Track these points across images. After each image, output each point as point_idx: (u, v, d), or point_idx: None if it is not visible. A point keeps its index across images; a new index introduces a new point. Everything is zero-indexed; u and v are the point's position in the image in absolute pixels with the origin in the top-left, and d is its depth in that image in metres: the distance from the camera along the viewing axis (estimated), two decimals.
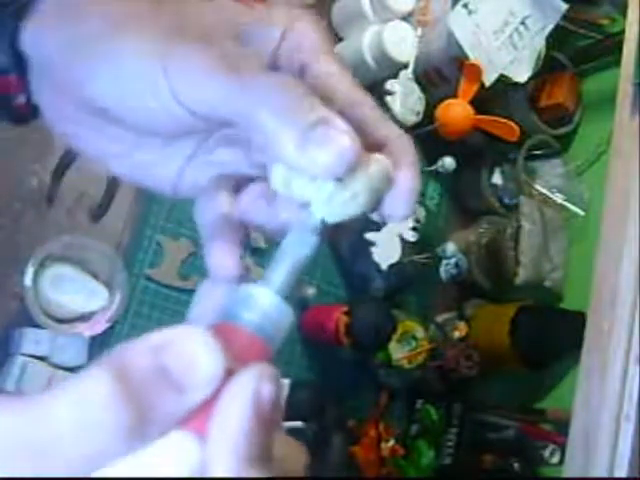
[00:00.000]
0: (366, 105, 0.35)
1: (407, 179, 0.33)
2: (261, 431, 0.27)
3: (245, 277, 0.36)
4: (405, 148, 0.34)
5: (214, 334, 0.28)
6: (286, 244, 0.33)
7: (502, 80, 1.20)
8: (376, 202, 0.33)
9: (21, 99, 0.39)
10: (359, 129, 0.33)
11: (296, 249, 0.33)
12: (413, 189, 0.34)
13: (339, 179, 0.32)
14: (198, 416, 0.27)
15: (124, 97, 0.35)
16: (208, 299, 0.37)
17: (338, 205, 0.33)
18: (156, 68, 0.33)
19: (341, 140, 0.31)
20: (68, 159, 1.03)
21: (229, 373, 0.28)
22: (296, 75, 0.35)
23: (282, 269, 0.33)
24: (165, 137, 0.37)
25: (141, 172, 0.39)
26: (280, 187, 0.33)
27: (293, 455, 0.31)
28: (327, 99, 0.33)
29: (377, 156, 0.33)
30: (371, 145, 0.33)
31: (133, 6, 0.36)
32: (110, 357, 0.27)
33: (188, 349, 0.27)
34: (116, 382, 0.26)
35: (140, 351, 0.27)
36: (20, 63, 0.38)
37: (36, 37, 0.37)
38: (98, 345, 1.05)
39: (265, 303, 0.31)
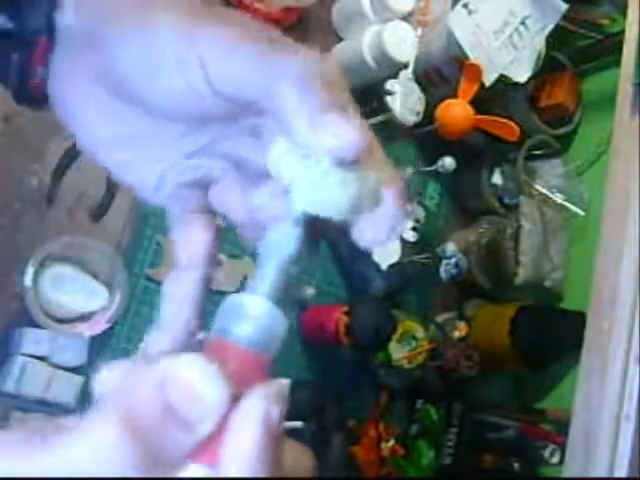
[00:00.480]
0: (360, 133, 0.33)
1: (392, 203, 0.32)
2: (272, 450, 0.27)
3: (213, 266, 0.36)
4: (397, 180, 0.33)
5: (209, 355, 0.28)
6: (267, 243, 0.32)
7: (502, 80, 1.20)
8: (358, 207, 0.32)
9: (40, 75, 0.38)
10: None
11: (279, 247, 0.32)
12: (396, 215, 0.33)
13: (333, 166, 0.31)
14: (208, 446, 0.27)
15: (153, 73, 0.34)
16: (176, 298, 0.36)
17: (323, 189, 0.31)
18: (186, 43, 0.33)
19: (353, 128, 0.31)
20: (68, 159, 1.03)
21: (231, 395, 0.28)
22: None
23: (268, 272, 0.31)
24: (182, 123, 0.36)
25: (125, 166, 0.38)
26: (271, 164, 0.32)
27: (299, 460, 0.31)
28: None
29: (376, 174, 0.32)
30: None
31: None
32: (115, 395, 0.27)
33: (189, 382, 0.27)
34: (123, 425, 0.26)
35: (143, 390, 0.27)
36: (51, 29, 0.37)
37: (71, 8, 0.37)
38: (98, 345, 1.05)
39: (256, 312, 0.30)
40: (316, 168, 0.31)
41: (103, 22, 0.36)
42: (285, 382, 0.29)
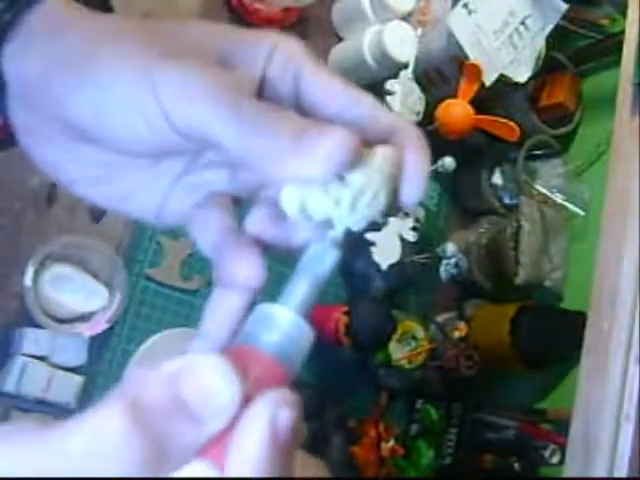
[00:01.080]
0: (365, 102, 0.34)
1: (414, 162, 0.33)
2: (279, 458, 0.27)
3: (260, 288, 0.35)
4: (409, 134, 0.34)
5: (232, 359, 0.28)
6: (306, 261, 0.32)
7: (502, 80, 1.20)
8: (393, 193, 0.32)
9: None
10: (362, 126, 0.33)
11: (316, 265, 0.32)
12: (422, 170, 0.33)
13: (342, 177, 0.31)
14: (216, 445, 0.27)
15: (108, 115, 0.34)
16: (223, 310, 0.35)
17: (362, 210, 0.32)
18: (144, 84, 0.32)
19: (334, 131, 0.31)
20: None
21: (247, 399, 0.27)
22: (290, 89, 0.35)
23: (302, 287, 0.32)
24: (148, 158, 0.36)
25: (121, 199, 0.38)
26: (296, 212, 0.32)
27: (311, 471, 0.31)
28: (326, 105, 0.33)
29: (380, 147, 0.33)
30: (377, 139, 0.33)
31: (116, 24, 0.35)
32: (124, 387, 0.26)
33: (204, 378, 0.27)
34: (131, 415, 0.25)
35: (155, 381, 0.27)
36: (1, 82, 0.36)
37: (18, 56, 0.36)
38: (98, 345, 1.05)
39: (285, 324, 0.30)
40: (344, 197, 0.31)
41: (54, 67, 0.35)
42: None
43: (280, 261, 0.35)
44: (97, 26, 0.36)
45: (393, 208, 0.33)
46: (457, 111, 1.18)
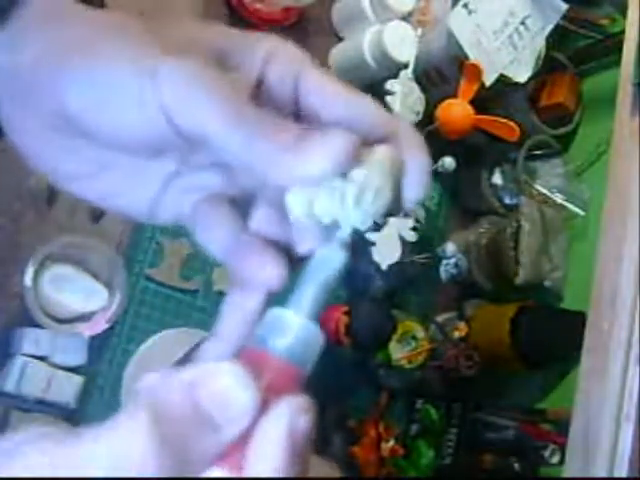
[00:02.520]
0: (365, 105, 0.34)
1: (415, 161, 0.33)
2: (296, 463, 0.27)
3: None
4: (409, 135, 0.34)
5: (246, 363, 0.28)
6: (313, 264, 0.33)
7: (502, 80, 1.20)
8: (395, 192, 0.33)
9: None
10: (362, 128, 0.33)
11: (325, 267, 0.32)
12: (423, 169, 0.34)
13: (344, 175, 0.32)
14: (234, 451, 0.27)
15: (104, 105, 0.33)
16: (239, 311, 0.35)
17: (366, 206, 0.32)
18: (143, 76, 0.32)
19: (334, 132, 0.31)
20: None
21: (262, 403, 0.28)
22: (289, 94, 0.35)
23: (311, 291, 0.32)
24: (142, 153, 0.36)
25: (110, 195, 0.38)
26: (302, 214, 0.33)
27: (326, 473, 0.31)
28: (326, 109, 0.34)
29: (379, 146, 0.33)
30: (377, 141, 0.33)
31: (118, 19, 0.35)
32: (144, 396, 0.27)
33: (221, 385, 0.27)
34: (153, 427, 0.26)
35: (174, 390, 0.27)
36: None
37: (14, 42, 0.35)
38: (98, 345, 1.05)
39: (296, 327, 0.31)
40: (348, 195, 0.32)
41: (52, 55, 0.34)
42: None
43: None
44: (99, 19, 0.35)
45: (396, 207, 0.34)
46: (457, 111, 1.17)
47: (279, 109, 0.34)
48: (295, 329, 0.31)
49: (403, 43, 1.19)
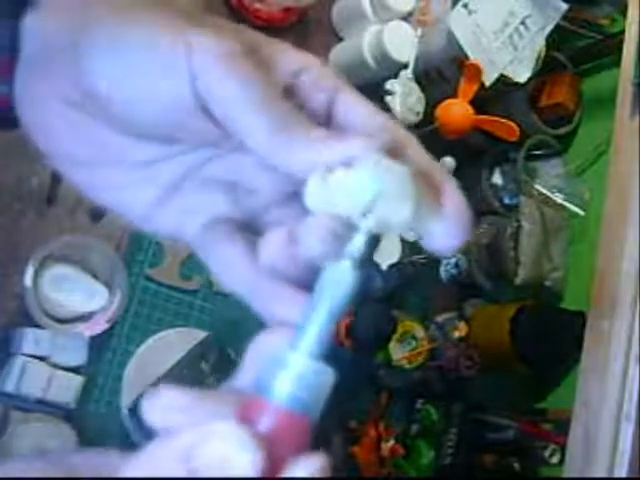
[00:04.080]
0: (397, 134, 0.33)
1: (456, 206, 0.32)
2: None
3: None
4: (445, 178, 0.32)
5: (244, 416, 0.26)
6: (322, 286, 0.29)
7: (502, 80, 1.20)
8: (418, 208, 0.29)
9: (3, 90, 0.36)
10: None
11: (334, 292, 0.28)
12: (464, 217, 0.32)
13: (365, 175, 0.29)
14: None
15: (128, 73, 0.32)
16: (267, 349, 0.31)
17: (384, 210, 0.29)
18: (177, 45, 0.31)
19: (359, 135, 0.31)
20: None
21: (268, 462, 0.26)
22: (318, 109, 0.33)
23: (318, 320, 0.28)
24: (155, 137, 0.34)
25: (103, 188, 0.37)
26: (320, 202, 0.29)
27: None
28: (360, 129, 0.32)
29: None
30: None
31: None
32: (136, 463, 0.25)
33: (219, 450, 0.25)
34: None
35: (167, 457, 0.25)
36: (15, 46, 0.35)
37: (42, 22, 0.35)
38: (98, 345, 1.05)
39: (301, 369, 0.28)
40: (367, 188, 0.29)
41: (78, 32, 0.33)
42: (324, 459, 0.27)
43: None
44: None
45: (417, 233, 0.31)
46: (457, 111, 1.17)
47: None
48: (301, 373, 0.28)
49: (403, 43, 1.19)
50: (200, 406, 0.27)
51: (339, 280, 0.28)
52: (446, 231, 0.31)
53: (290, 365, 0.28)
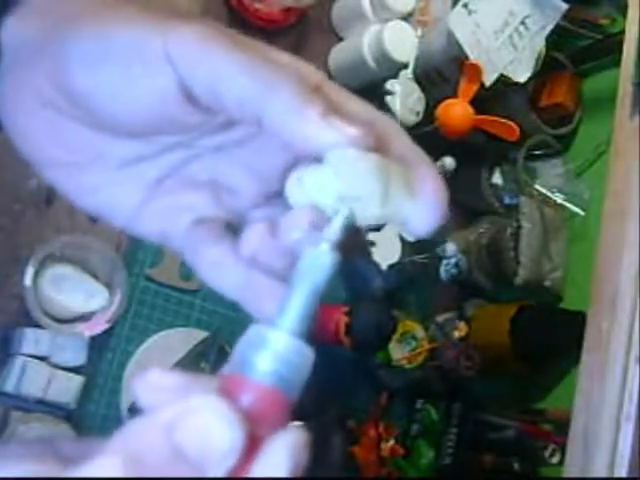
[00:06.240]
0: (383, 125, 0.33)
1: (431, 191, 0.32)
2: None
3: None
4: (424, 164, 0.32)
5: (226, 392, 0.27)
6: (301, 269, 0.30)
7: (502, 80, 1.20)
8: (387, 195, 0.30)
9: None
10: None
11: (313, 273, 0.29)
12: (438, 201, 0.32)
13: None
14: None
15: (111, 74, 0.32)
16: None
17: (355, 194, 0.30)
18: (154, 35, 0.31)
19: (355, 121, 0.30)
20: None
21: (249, 436, 0.26)
22: None
23: (298, 301, 0.29)
24: (138, 133, 0.34)
25: (87, 191, 0.36)
26: (300, 195, 0.31)
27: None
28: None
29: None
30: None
31: None
32: (120, 438, 0.25)
33: (202, 423, 0.25)
34: (128, 469, 0.24)
35: (151, 431, 0.25)
36: None
37: (23, 22, 0.35)
38: (98, 345, 1.05)
39: (281, 346, 0.28)
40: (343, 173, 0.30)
41: (56, 30, 0.33)
42: (301, 428, 0.28)
43: None
44: None
45: (394, 219, 0.31)
46: (457, 111, 1.17)
47: None
48: (281, 350, 0.28)
49: (403, 43, 1.20)
50: (188, 387, 0.27)
51: (317, 261, 0.30)
52: (419, 213, 0.31)
53: (270, 342, 0.28)
